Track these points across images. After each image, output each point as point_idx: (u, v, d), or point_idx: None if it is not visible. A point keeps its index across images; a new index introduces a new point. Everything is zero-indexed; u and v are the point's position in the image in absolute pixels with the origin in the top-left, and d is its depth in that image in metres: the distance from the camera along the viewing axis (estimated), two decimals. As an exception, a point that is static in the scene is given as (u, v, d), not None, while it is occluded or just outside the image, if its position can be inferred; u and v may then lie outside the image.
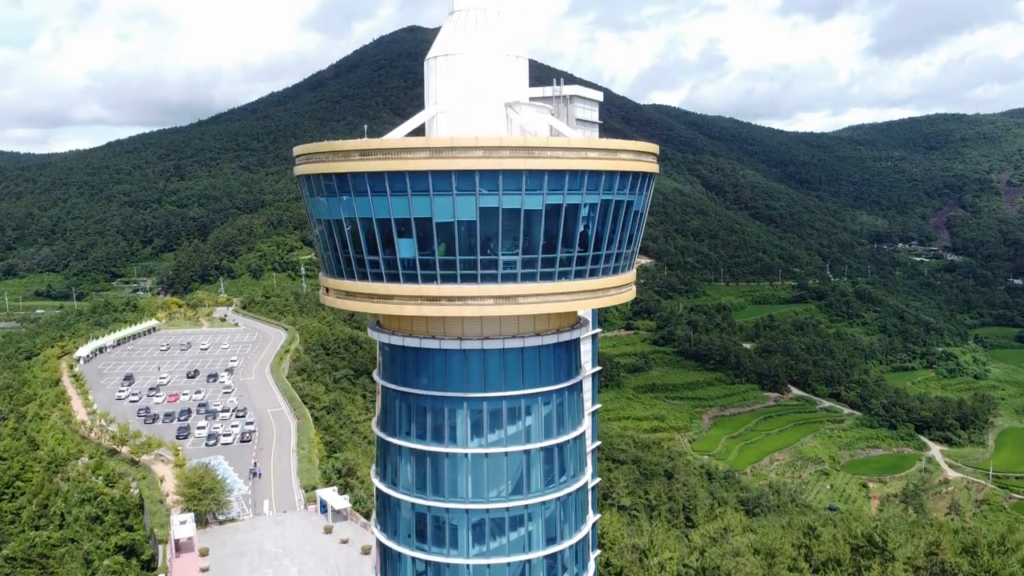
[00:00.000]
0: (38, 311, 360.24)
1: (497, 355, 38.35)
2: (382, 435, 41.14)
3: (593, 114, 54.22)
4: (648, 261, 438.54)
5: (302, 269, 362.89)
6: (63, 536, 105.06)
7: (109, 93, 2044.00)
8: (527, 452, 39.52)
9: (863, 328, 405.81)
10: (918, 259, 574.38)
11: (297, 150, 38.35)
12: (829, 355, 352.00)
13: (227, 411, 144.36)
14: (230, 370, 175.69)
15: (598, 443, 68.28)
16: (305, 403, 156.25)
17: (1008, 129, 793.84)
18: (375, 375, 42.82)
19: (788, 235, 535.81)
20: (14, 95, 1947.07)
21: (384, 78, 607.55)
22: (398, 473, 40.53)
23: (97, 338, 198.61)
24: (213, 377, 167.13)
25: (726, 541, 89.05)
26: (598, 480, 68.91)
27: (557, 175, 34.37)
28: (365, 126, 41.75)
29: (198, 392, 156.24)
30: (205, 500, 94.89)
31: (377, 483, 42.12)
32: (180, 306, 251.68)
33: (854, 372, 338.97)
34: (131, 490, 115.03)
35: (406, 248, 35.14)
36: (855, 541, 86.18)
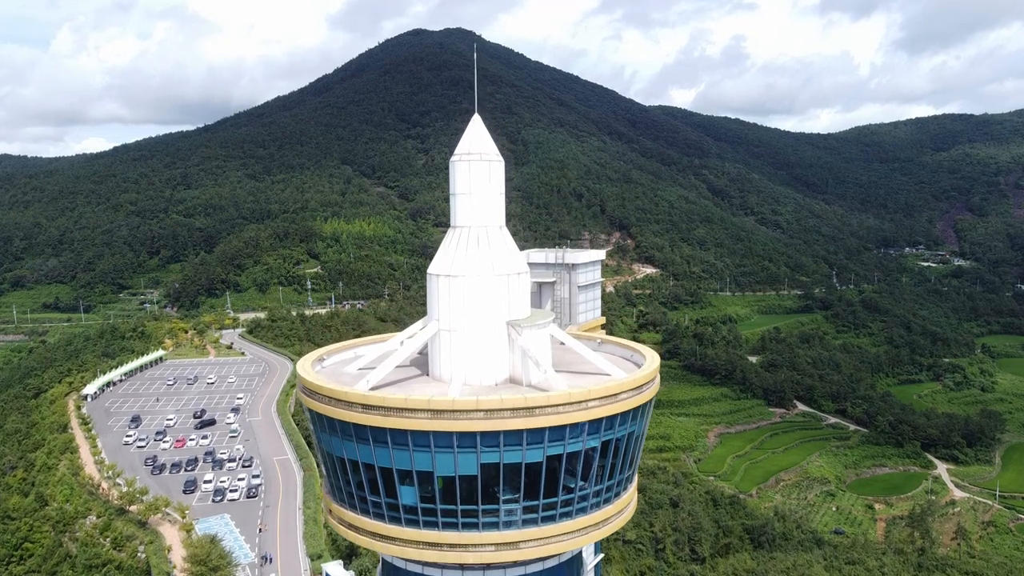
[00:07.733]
0: (46, 324, 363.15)
1: (500, 583, 38.42)
2: (385, 641, 41.41)
3: (595, 275, 54.07)
4: (654, 271, 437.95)
5: (308, 283, 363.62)
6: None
7: (128, 91, 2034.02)
8: (529, 670, 39.63)
9: (869, 339, 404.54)
10: (925, 264, 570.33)
11: (302, 379, 38.43)
12: (835, 369, 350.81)
13: (233, 460, 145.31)
14: (236, 409, 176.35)
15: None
16: (311, 446, 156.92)
17: (1016, 130, 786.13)
18: (378, 580, 43.06)
19: (794, 241, 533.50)
20: (31, 93, 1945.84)
21: (389, 83, 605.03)
22: None
23: (104, 372, 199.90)
24: (210, 424, 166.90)
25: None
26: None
27: (558, 428, 34.47)
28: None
29: (204, 437, 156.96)
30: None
31: None
32: (187, 331, 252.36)
33: (860, 387, 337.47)
34: (139, 554, 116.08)
35: (408, 496, 35.37)
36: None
